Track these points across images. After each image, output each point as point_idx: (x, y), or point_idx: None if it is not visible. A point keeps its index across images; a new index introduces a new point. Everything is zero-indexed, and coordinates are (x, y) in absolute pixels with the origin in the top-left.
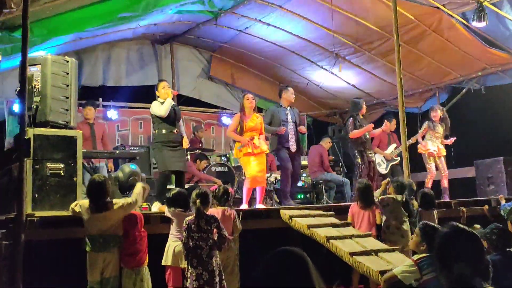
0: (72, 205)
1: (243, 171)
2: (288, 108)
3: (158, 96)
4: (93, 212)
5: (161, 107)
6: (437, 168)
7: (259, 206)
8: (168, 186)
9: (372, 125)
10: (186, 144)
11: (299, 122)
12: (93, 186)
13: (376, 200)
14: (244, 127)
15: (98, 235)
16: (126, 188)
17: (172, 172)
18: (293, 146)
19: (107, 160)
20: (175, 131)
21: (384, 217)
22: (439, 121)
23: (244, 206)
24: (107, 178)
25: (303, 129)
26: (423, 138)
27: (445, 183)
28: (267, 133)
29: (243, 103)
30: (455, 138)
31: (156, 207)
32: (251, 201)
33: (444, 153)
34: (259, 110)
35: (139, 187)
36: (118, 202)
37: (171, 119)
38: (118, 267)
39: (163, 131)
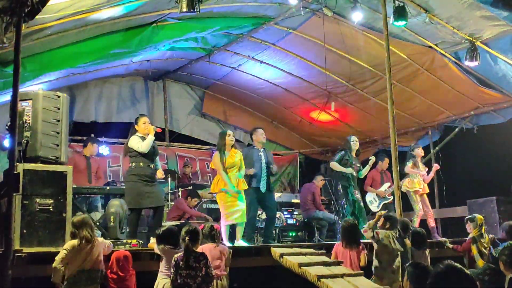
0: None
1: None
2: (262, 149)
3: (137, 131)
4: (78, 249)
5: (141, 143)
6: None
7: (238, 243)
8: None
9: (351, 171)
10: (160, 175)
11: (270, 162)
12: (76, 224)
13: (368, 231)
14: (224, 165)
15: (80, 271)
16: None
17: (147, 208)
18: (263, 187)
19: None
20: (152, 166)
21: (375, 251)
22: (421, 159)
23: (227, 243)
24: (86, 216)
25: (274, 168)
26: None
27: (431, 222)
28: None
29: (224, 140)
30: (437, 166)
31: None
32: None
33: (428, 191)
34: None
35: None
36: (100, 239)
37: (150, 154)
38: None
39: (141, 164)
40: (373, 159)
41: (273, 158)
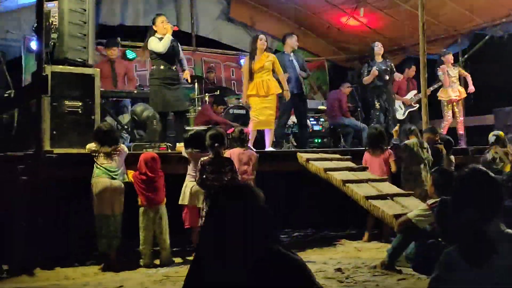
0: (87, 149)
1: None
2: (292, 54)
3: (156, 31)
4: (103, 154)
5: (159, 43)
6: (453, 115)
7: (268, 149)
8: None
9: (376, 72)
10: (186, 75)
11: (301, 66)
12: (101, 135)
13: (398, 146)
14: (253, 69)
15: (107, 167)
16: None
17: (172, 112)
18: (295, 89)
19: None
20: (173, 67)
21: (404, 162)
22: (452, 65)
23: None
24: (112, 126)
25: (302, 73)
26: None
27: (461, 130)
28: None
29: (256, 44)
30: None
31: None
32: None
33: (465, 95)
34: (276, 52)
35: None
36: (124, 147)
37: (170, 55)
38: (123, 206)
39: (161, 67)
40: (400, 77)
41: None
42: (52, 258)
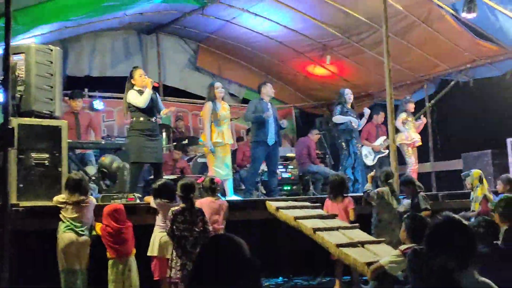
0: (55, 201)
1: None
2: (269, 103)
3: (134, 84)
4: (71, 205)
5: (139, 97)
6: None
7: (230, 197)
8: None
9: (357, 122)
10: (167, 110)
11: (277, 116)
12: (72, 183)
13: (369, 193)
14: (216, 116)
15: (73, 221)
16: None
17: (148, 163)
18: (271, 139)
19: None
20: (153, 119)
21: (375, 210)
22: (411, 113)
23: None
24: (83, 176)
25: (284, 123)
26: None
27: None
28: (251, 120)
29: (213, 92)
30: (424, 120)
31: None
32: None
33: (421, 143)
34: (245, 101)
35: None
36: (92, 198)
37: (149, 108)
38: (89, 259)
39: (141, 119)
40: (368, 111)
41: None
42: None
